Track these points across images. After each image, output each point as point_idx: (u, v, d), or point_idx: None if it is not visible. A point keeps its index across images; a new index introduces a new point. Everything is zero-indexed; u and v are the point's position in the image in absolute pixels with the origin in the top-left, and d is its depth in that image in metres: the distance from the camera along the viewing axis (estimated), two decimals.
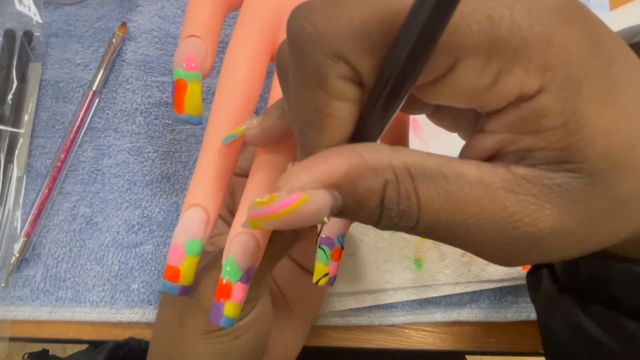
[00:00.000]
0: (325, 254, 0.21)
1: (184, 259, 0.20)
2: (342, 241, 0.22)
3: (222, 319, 0.19)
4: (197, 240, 0.20)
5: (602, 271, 0.22)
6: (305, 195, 0.13)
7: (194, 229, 0.20)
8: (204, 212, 0.21)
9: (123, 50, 0.38)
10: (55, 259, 0.35)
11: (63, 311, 0.34)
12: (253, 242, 0.20)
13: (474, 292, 0.36)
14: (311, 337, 0.35)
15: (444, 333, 0.36)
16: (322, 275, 0.21)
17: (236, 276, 0.19)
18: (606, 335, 0.22)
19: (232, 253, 0.19)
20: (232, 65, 0.23)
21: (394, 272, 0.36)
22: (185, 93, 0.21)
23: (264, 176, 0.21)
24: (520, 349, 0.35)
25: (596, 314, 0.23)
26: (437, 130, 0.38)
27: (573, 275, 0.25)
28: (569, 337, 0.25)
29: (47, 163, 0.36)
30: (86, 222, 0.36)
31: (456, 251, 0.36)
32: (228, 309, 0.19)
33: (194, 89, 0.22)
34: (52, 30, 0.39)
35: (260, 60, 0.23)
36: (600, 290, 0.23)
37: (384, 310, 0.35)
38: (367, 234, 0.36)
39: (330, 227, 0.21)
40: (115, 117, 0.37)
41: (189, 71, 0.22)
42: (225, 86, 0.22)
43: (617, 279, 0.21)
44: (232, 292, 0.19)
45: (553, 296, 0.25)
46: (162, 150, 0.37)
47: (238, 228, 0.20)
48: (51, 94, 0.38)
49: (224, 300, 0.19)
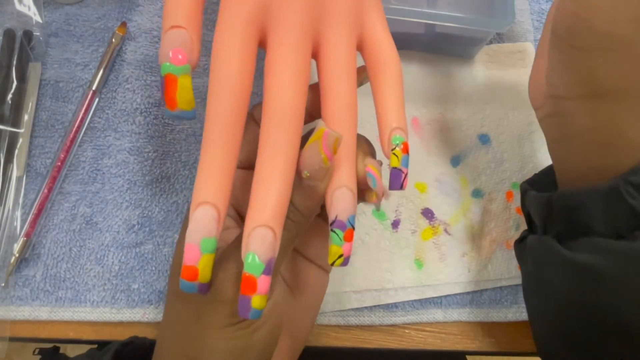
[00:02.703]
0: (338, 236, 0.22)
1: (201, 257, 0.20)
2: (352, 222, 0.22)
3: (250, 311, 0.20)
4: (211, 238, 0.20)
5: (573, 200, 0.25)
6: None
7: (207, 227, 0.20)
8: (214, 209, 0.20)
9: (123, 50, 0.38)
10: (55, 258, 0.35)
11: (63, 311, 0.34)
12: (271, 234, 0.20)
13: (474, 292, 0.36)
14: (311, 337, 0.35)
15: (444, 333, 0.36)
16: (337, 256, 0.22)
17: (259, 269, 0.20)
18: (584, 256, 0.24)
19: (252, 247, 0.20)
20: (223, 58, 0.22)
21: (395, 271, 0.36)
22: (177, 88, 0.21)
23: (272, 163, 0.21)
24: (520, 349, 0.36)
25: (572, 245, 0.25)
26: (437, 129, 0.38)
27: (550, 220, 0.27)
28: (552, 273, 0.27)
29: (47, 163, 0.36)
30: (86, 222, 0.36)
31: (456, 251, 0.36)
32: (255, 301, 0.20)
33: (185, 82, 0.21)
34: (52, 30, 0.39)
35: (251, 47, 0.23)
36: (574, 222, 0.25)
37: (385, 310, 0.35)
38: (368, 234, 0.36)
39: (342, 209, 0.22)
40: (115, 117, 0.37)
41: (177, 65, 0.21)
42: (218, 81, 0.22)
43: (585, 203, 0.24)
44: (257, 285, 0.20)
45: (535, 243, 0.28)
46: (162, 149, 0.37)
47: (254, 222, 0.20)
48: (51, 94, 0.38)
49: (251, 294, 0.20)
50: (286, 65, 0.22)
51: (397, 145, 0.24)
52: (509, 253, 0.36)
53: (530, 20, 0.41)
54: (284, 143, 0.21)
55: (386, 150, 0.24)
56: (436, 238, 0.37)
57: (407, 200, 0.37)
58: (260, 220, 0.20)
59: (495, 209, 0.37)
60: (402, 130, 0.24)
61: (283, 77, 0.22)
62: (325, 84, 0.24)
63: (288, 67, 0.22)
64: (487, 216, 0.37)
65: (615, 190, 0.23)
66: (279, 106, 0.22)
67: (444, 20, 0.33)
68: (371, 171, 0.24)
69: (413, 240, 0.36)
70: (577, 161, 0.26)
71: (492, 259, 0.36)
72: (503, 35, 0.41)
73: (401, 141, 0.24)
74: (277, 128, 0.21)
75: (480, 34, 0.36)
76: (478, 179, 0.38)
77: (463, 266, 0.36)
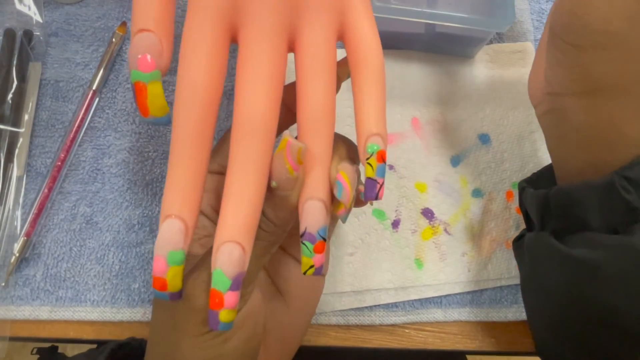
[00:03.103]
0: (307, 248, 0.22)
1: (168, 270, 0.20)
2: (323, 234, 0.22)
3: (219, 324, 0.20)
4: (178, 251, 0.20)
5: (569, 195, 0.25)
6: None
7: (173, 240, 0.20)
8: (181, 222, 0.20)
9: (123, 49, 0.38)
10: (56, 258, 0.35)
11: (63, 311, 0.34)
12: (238, 250, 0.20)
13: (474, 291, 0.36)
14: (311, 337, 0.35)
15: (444, 333, 0.36)
16: (307, 267, 0.22)
17: (225, 285, 0.20)
18: (580, 251, 0.25)
19: (219, 263, 0.20)
20: (189, 64, 0.21)
21: (395, 271, 0.36)
22: (147, 96, 0.20)
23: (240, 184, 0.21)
24: (521, 349, 0.36)
25: (569, 241, 0.25)
26: (437, 129, 0.38)
27: (546, 217, 0.27)
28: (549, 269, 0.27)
29: (47, 162, 0.36)
30: (86, 222, 0.36)
31: (456, 251, 0.36)
32: (223, 315, 0.20)
33: (155, 89, 0.20)
34: (52, 30, 0.39)
35: (220, 48, 0.21)
36: (570, 218, 0.26)
37: (385, 309, 0.35)
38: (368, 234, 0.36)
39: (310, 222, 0.22)
40: (115, 117, 0.37)
41: (145, 72, 0.20)
42: (184, 89, 0.21)
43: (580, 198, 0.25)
44: (224, 300, 0.20)
45: (532, 240, 0.28)
46: (162, 149, 0.37)
47: (222, 237, 0.20)
48: (51, 94, 0.38)
49: (218, 309, 0.20)
50: (259, 66, 0.21)
51: (372, 154, 0.22)
52: (509, 253, 0.36)
53: (530, 20, 0.41)
54: (253, 154, 0.21)
55: (362, 158, 0.23)
56: (436, 238, 0.37)
57: (407, 200, 0.37)
58: (228, 236, 0.20)
59: (495, 209, 0.37)
60: (379, 136, 0.22)
61: (255, 81, 0.21)
62: (301, 83, 0.23)
63: (260, 68, 0.21)
64: (487, 216, 0.37)
65: (610, 185, 0.24)
66: (250, 114, 0.21)
67: (444, 20, 0.33)
68: (341, 179, 0.22)
69: (413, 240, 0.36)
70: (574, 157, 0.26)
71: (492, 259, 0.36)
72: (503, 35, 0.41)
73: (377, 149, 0.22)
74: (248, 138, 0.21)
75: (481, 33, 0.36)
76: (478, 179, 0.38)
77: (463, 266, 0.36)
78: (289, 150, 0.21)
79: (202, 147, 0.21)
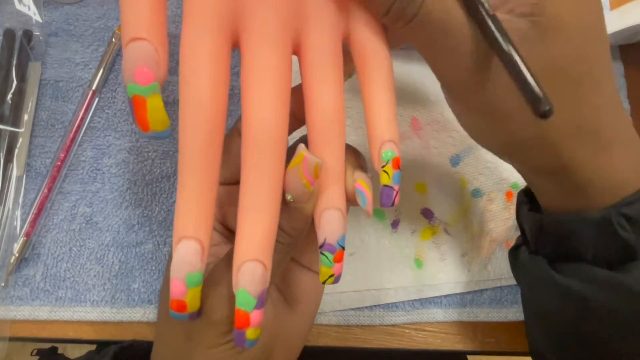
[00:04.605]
0: (327, 258, 0.21)
1: (187, 292, 0.20)
2: (342, 243, 0.22)
3: (246, 342, 0.20)
4: (196, 273, 0.20)
5: (564, 226, 0.25)
6: None
7: (191, 262, 0.20)
8: (197, 243, 0.20)
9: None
10: (55, 258, 0.35)
11: (63, 311, 0.34)
12: (260, 268, 0.20)
13: (474, 291, 0.36)
14: (311, 337, 0.35)
15: (444, 333, 0.36)
16: (327, 276, 0.22)
17: (251, 305, 0.20)
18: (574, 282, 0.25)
19: (242, 283, 0.19)
20: (192, 78, 0.20)
21: (395, 271, 0.36)
22: (146, 110, 0.19)
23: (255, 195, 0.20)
24: (521, 349, 0.36)
25: (563, 268, 0.25)
26: (437, 130, 0.38)
27: (541, 241, 0.27)
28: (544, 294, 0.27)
29: (47, 162, 0.36)
30: (86, 222, 0.36)
31: (456, 251, 0.36)
32: (250, 334, 0.20)
33: (154, 103, 0.19)
34: (52, 30, 0.39)
35: (222, 57, 0.20)
36: (565, 247, 0.25)
37: (385, 309, 0.35)
38: (368, 234, 0.36)
39: (330, 232, 0.21)
40: (115, 117, 0.37)
41: (143, 85, 0.18)
42: (188, 105, 0.20)
43: (575, 230, 0.25)
44: (250, 320, 0.20)
45: (527, 261, 0.28)
46: (162, 149, 0.37)
47: (243, 256, 0.20)
48: (51, 94, 0.38)
49: (244, 328, 0.20)
50: (265, 73, 0.20)
51: (387, 162, 0.22)
52: None
53: None
54: (267, 168, 0.20)
55: (377, 166, 0.23)
56: (436, 238, 0.37)
57: (406, 200, 0.37)
58: (248, 255, 0.20)
59: (495, 209, 0.37)
60: (393, 143, 0.22)
61: (262, 90, 0.20)
62: (309, 87, 0.22)
63: (267, 75, 0.20)
64: (486, 216, 0.37)
65: (606, 221, 0.23)
66: (260, 127, 0.20)
67: None
68: (361, 188, 0.22)
69: (413, 240, 0.36)
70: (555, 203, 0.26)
71: (492, 259, 0.36)
72: None
73: (392, 157, 0.22)
74: (260, 151, 0.20)
75: None
76: (478, 179, 0.38)
77: (463, 266, 0.36)
78: (306, 165, 0.20)
79: (212, 164, 0.20)
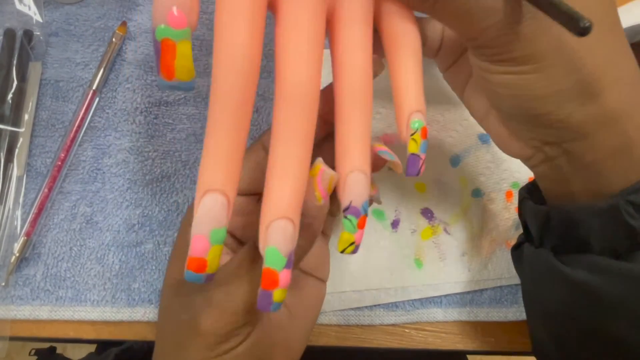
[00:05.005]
0: (351, 223, 0.21)
1: (210, 249, 0.19)
2: (366, 208, 0.21)
3: (272, 305, 0.19)
4: (221, 228, 0.19)
5: (571, 216, 0.24)
6: None
7: (217, 216, 0.18)
8: (224, 197, 0.19)
9: (123, 49, 0.38)
10: (56, 258, 0.35)
11: (63, 310, 0.34)
12: (290, 226, 0.19)
13: (474, 291, 0.36)
14: (311, 336, 0.35)
15: (444, 332, 0.36)
16: (348, 244, 0.21)
17: (281, 263, 0.19)
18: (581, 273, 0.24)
19: (273, 240, 0.19)
20: (228, 30, 0.19)
21: (395, 271, 0.36)
22: (175, 55, 0.18)
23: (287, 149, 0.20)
24: (520, 348, 0.36)
25: (569, 260, 0.25)
26: (437, 130, 0.38)
27: (546, 233, 0.26)
28: (549, 287, 0.26)
29: (47, 162, 0.36)
30: (86, 222, 0.36)
31: (456, 251, 0.36)
32: (277, 295, 0.19)
33: (184, 49, 0.18)
34: (52, 30, 0.39)
35: (259, 12, 0.20)
36: (571, 238, 0.25)
37: (385, 309, 0.35)
38: (367, 234, 0.36)
39: (356, 195, 0.21)
40: (116, 117, 0.37)
41: (176, 28, 0.18)
42: (224, 53, 0.19)
43: (582, 219, 0.24)
44: (279, 280, 0.19)
45: (531, 255, 0.27)
46: (162, 149, 0.37)
47: (271, 215, 0.19)
48: (51, 93, 0.38)
49: (272, 289, 0.19)
50: (300, 32, 0.20)
51: (416, 130, 0.23)
52: (509, 253, 0.36)
53: None
54: (299, 124, 0.20)
55: (405, 135, 0.23)
56: (436, 237, 0.37)
57: (406, 200, 0.37)
58: (278, 213, 0.19)
59: (495, 209, 0.37)
60: (421, 113, 0.23)
61: (298, 48, 0.20)
62: (339, 54, 0.22)
63: (302, 34, 0.20)
64: (487, 216, 0.37)
65: (614, 209, 0.23)
66: (294, 81, 0.20)
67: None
68: (382, 149, 0.23)
69: (413, 239, 0.36)
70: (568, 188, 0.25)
71: (492, 259, 0.36)
72: None
73: (421, 126, 0.23)
74: (293, 106, 0.20)
75: None
76: (478, 179, 0.38)
77: (463, 266, 0.36)
78: (321, 177, 0.20)
79: (243, 119, 0.19)
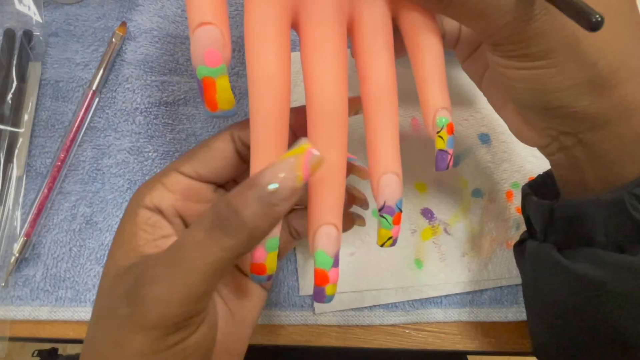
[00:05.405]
0: (387, 221, 0.23)
1: (267, 256, 0.22)
2: (400, 206, 0.24)
3: (326, 298, 0.23)
4: (274, 238, 0.22)
5: (575, 210, 0.25)
6: None
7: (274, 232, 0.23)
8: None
9: (123, 49, 0.38)
10: (55, 258, 0.35)
11: (63, 311, 0.34)
12: (334, 231, 0.22)
13: (474, 291, 0.36)
14: (311, 337, 0.35)
15: (444, 333, 0.36)
16: (386, 238, 0.24)
17: (329, 264, 0.22)
18: (585, 267, 0.24)
19: (320, 245, 0.22)
20: (259, 58, 0.21)
21: (395, 271, 0.36)
22: (216, 90, 0.20)
23: None
24: (521, 349, 0.36)
25: (573, 254, 0.25)
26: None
27: (550, 228, 0.27)
28: (551, 281, 0.27)
29: (47, 162, 0.36)
30: (86, 222, 0.36)
31: (456, 251, 0.36)
32: (329, 290, 0.23)
33: (223, 83, 0.20)
34: (52, 30, 0.39)
35: (285, 37, 0.22)
36: (575, 232, 0.25)
37: (385, 309, 0.35)
38: (368, 234, 0.36)
39: (390, 195, 0.23)
40: (115, 117, 0.37)
41: (213, 67, 0.20)
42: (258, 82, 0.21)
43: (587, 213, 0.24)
44: (329, 277, 0.22)
45: (534, 249, 0.28)
46: (162, 149, 0.37)
47: (317, 221, 0.22)
48: (51, 94, 0.38)
49: (324, 285, 0.22)
50: (325, 51, 0.22)
51: (442, 127, 0.24)
52: (509, 253, 0.36)
53: None
54: (335, 136, 0.22)
55: (431, 131, 0.24)
56: (436, 238, 0.37)
57: (406, 200, 0.37)
58: (325, 219, 0.22)
59: (495, 209, 0.37)
60: (447, 110, 0.24)
61: (324, 66, 0.22)
62: (363, 62, 0.23)
63: (327, 53, 0.22)
64: (487, 216, 0.37)
65: (619, 202, 0.23)
66: (325, 99, 0.22)
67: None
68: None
69: (413, 240, 0.36)
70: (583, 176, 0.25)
71: (492, 259, 0.36)
72: None
73: (447, 122, 0.24)
74: (328, 122, 0.22)
75: None
76: (478, 179, 0.38)
77: (463, 266, 0.36)
78: (309, 158, 0.20)
79: (283, 134, 0.22)
